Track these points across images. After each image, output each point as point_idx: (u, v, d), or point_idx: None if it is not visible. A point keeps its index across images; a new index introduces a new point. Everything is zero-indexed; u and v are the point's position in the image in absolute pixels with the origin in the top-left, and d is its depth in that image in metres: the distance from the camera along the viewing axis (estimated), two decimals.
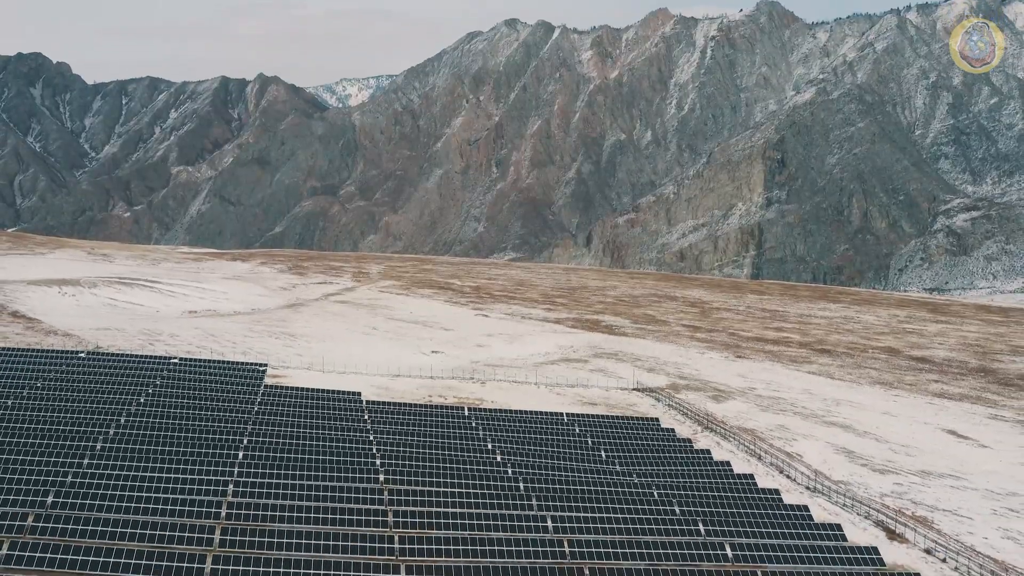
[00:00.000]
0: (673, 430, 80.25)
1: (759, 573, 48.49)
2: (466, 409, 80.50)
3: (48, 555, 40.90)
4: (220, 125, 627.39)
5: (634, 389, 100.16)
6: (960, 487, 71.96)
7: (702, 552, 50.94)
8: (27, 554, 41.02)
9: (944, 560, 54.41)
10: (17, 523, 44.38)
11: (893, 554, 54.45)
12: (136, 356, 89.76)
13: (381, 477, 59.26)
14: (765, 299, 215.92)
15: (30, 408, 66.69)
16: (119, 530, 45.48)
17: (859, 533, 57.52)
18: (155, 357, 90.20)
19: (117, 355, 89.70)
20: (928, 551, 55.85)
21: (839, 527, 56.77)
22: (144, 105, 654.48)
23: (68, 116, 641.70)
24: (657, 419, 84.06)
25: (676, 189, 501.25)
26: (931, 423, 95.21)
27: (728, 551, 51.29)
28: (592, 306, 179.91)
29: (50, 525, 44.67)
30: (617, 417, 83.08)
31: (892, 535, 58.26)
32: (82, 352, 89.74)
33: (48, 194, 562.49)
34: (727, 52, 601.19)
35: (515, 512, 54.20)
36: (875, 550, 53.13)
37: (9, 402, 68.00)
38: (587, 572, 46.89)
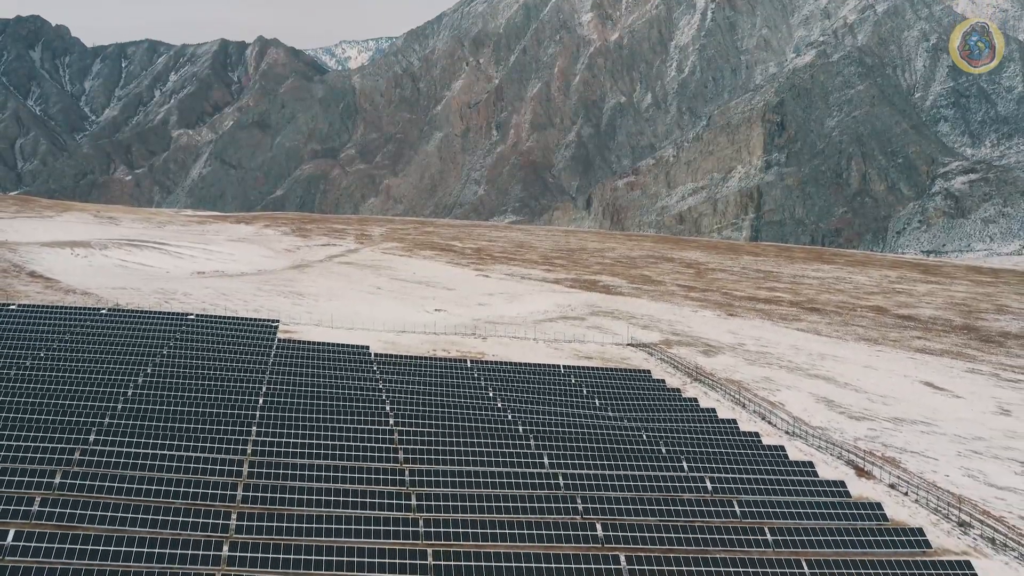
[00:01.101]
0: (663, 381, 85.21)
1: (734, 502, 53.54)
2: (468, 361, 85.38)
3: (78, 511, 44.13)
4: (220, 88, 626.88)
5: (628, 344, 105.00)
6: (930, 432, 77.04)
7: (684, 485, 56.00)
8: (57, 510, 43.90)
9: (906, 493, 59.52)
10: (46, 480, 46.99)
11: (860, 488, 59.55)
12: (155, 312, 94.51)
13: (391, 421, 64.20)
14: (760, 260, 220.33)
15: (59, 360, 71.49)
16: (144, 487, 48.54)
17: (830, 470, 62.59)
18: (173, 313, 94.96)
19: (136, 312, 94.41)
20: (892, 486, 60.95)
21: (811, 464, 61.84)
22: (144, 68, 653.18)
23: (68, 79, 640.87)
24: (649, 371, 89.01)
25: (676, 152, 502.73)
26: (910, 376, 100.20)
27: (708, 484, 56.34)
28: (590, 267, 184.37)
29: (77, 482, 47.28)
30: (611, 369, 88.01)
31: (861, 472, 63.36)
32: (103, 309, 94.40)
33: (49, 157, 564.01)
34: (728, 14, 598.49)
35: (514, 450, 59.20)
36: (843, 484, 58.22)
37: (42, 354, 72.85)
38: (579, 500, 51.91)
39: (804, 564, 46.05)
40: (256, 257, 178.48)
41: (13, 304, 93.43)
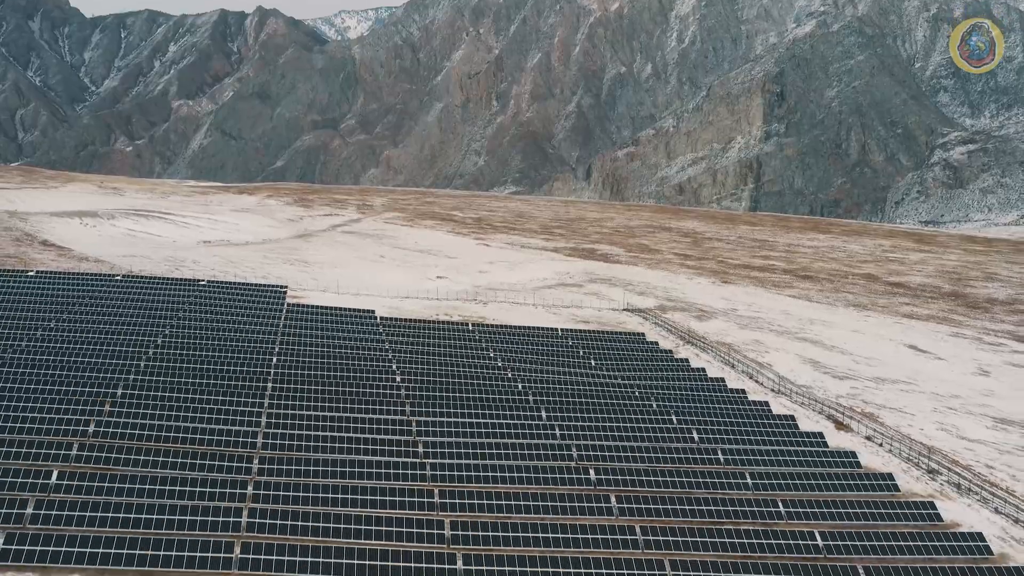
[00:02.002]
0: (657, 343, 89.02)
1: (718, 451, 57.46)
2: (470, 325, 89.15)
3: (112, 455, 47.87)
4: (220, 59, 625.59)
5: (624, 309, 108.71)
6: (909, 391, 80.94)
7: (672, 436, 59.88)
8: (93, 454, 47.82)
9: (880, 444, 63.48)
10: (81, 428, 50.86)
11: (837, 440, 63.48)
12: (168, 279, 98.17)
13: (398, 379, 68.04)
14: (756, 230, 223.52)
15: (81, 323, 75.23)
16: (171, 434, 52.36)
17: (811, 424, 66.49)
18: (185, 279, 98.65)
19: (150, 277, 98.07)
20: (868, 438, 64.89)
21: (793, 418, 65.75)
22: (143, 39, 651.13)
23: (67, 50, 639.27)
24: (643, 334, 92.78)
25: (676, 123, 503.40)
26: (895, 340, 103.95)
27: (695, 435, 60.24)
28: (589, 236, 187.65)
29: (110, 430, 51.21)
30: (607, 332, 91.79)
31: (840, 426, 67.28)
32: (118, 275, 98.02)
33: (50, 128, 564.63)
34: None
35: (513, 405, 63.09)
36: (821, 435, 62.16)
37: (65, 316, 76.60)
38: (573, 449, 55.79)
39: (780, 503, 50.02)
40: (260, 227, 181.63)
41: (31, 271, 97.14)
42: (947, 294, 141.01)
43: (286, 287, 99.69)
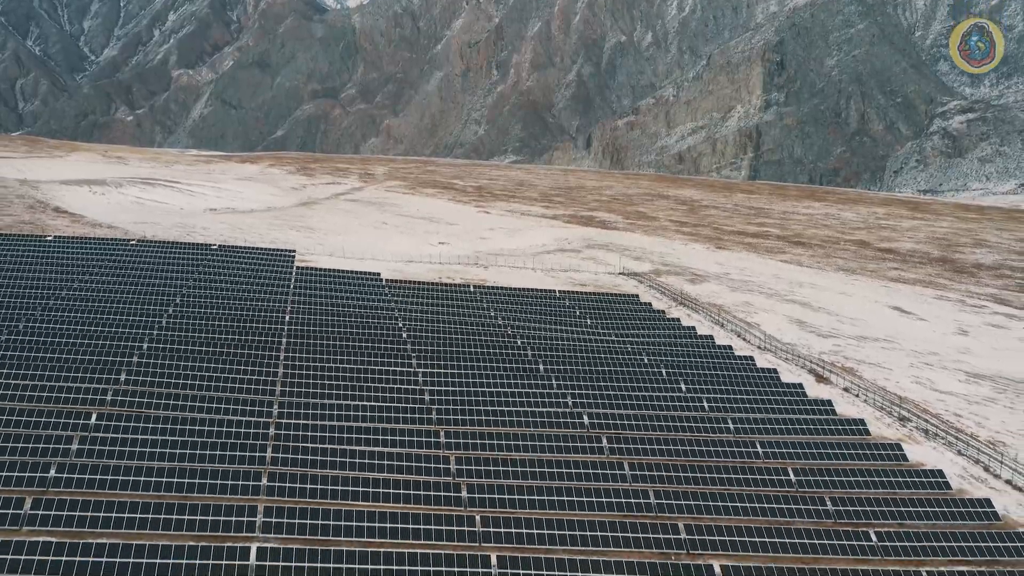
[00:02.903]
0: (650, 304, 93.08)
1: (703, 399, 61.66)
2: (472, 287, 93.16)
3: (145, 399, 51.57)
4: (219, 28, 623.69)
5: (620, 273, 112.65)
6: (889, 348, 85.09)
7: (663, 386, 64.05)
8: (126, 399, 51.74)
9: (857, 395, 67.72)
10: (99, 397, 52.43)
11: (816, 391, 67.70)
12: (180, 243, 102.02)
13: (404, 335, 72.13)
14: (753, 198, 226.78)
15: (100, 285, 79.19)
16: (196, 382, 56.85)
17: (792, 377, 70.67)
18: (197, 244, 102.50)
19: (163, 242, 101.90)
20: (846, 389, 69.13)
21: (775, 371, 69.94)
22: (142, 8, 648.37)
23: (66, 19, 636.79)
24: (637, 296, 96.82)
25: (676, 92, 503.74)
26: (881, 302, 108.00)
27: (682, 385, 64.43)
28: (588, 204, 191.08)
29: (139, 378, 55.86)
30: (602, 293, 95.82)
31: (820, 379, 71.50)
32: (132, 240, 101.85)
33: (50, 98, 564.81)
34: None
35: (514, 360, 67.26)
36: (800, 386, 66.36)
37: (86, 277, 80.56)
38: (568, 396, 60.01)
39: (758, 444, 54.30)
40: (264, 195, 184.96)
41: (49, 236, 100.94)
42: (935, 260, 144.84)
43: (294, 251, 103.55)
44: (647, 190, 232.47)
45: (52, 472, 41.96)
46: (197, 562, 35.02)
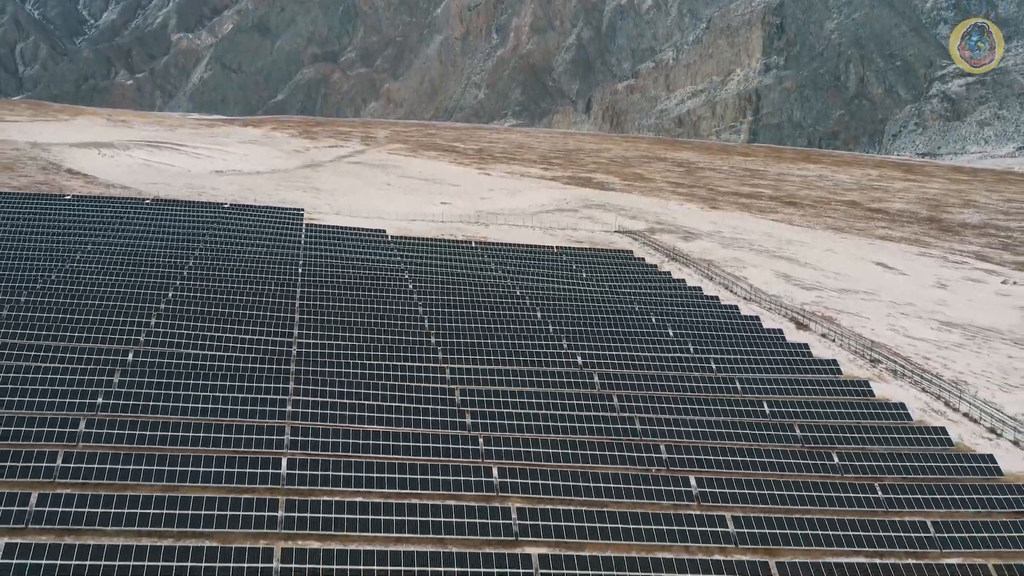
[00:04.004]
0: (643, 259, 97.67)
1: (689, 343, 66.46)
2: (473, 242, 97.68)
3: (168, 353, 55.78)
4: None
5: (616, 232, 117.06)
6: (869, 299, 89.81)
7: (652, 331, 68.87)
8: (148, 359, 56.52)
9: (833, 340, 72.56)
10: (120, 357, 54.62)
11: (796, 336, 72.51)
12: (193, 202, 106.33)
13: (410, 286, 76.82)
14: (749, 160, 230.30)
15: (118, 242, 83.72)
16: (216, 333, 62.09)
17: (773, 324, 75.43)
18: (209, 203, 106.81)
19: (177, 201, 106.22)
20: (823, 335, 73.95)
21: (758, 319, 74.71)
22: None
23: None
24: (631, 252, 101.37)
25: (675, 55, 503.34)
26: (865, 258, 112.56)
27: (670, 332, 69.23)
28: (586, 166, 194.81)
29: (161, 330, 61.41)
30: (597, 249, 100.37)
31: (800, 326, 76.29)
32: (147, 199, 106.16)
33: (50, 62, 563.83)
34: None
35: (513, 309, 72.00)
36: (780, 332, 71.19)
37: (109, 232, 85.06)
38: (563, 338, 64.80)
39: (737, 382, 59.18)
40: (268, 158, 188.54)
41: (68, 195, 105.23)
42: (923, 219, 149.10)
43: (303, 210, 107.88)
44: (645, 153, 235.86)
45: (100, 399, 46.85)
46: (236, 470, 40.07)
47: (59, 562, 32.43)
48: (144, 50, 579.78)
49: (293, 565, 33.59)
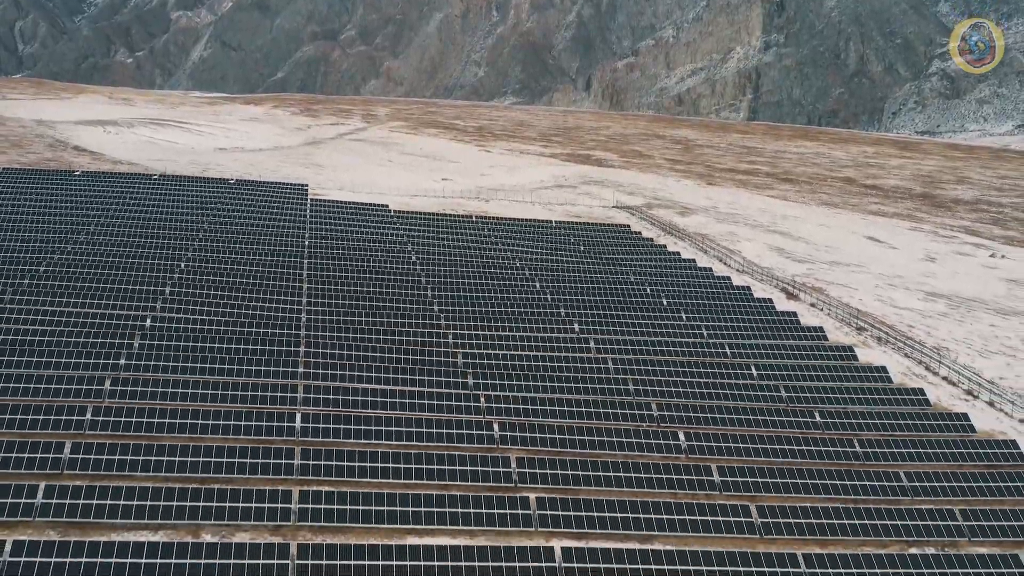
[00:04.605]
0: (640, 233, 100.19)
1: (682, 312, 69.18)
2: (474, 217, 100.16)
3: (183, 314, 59.69)
4: None
5: (614, 207, 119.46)
6: (859, 272, 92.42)
7: (646, 300, 71.57)
8: (166, 324, 59.02)
9: (821, 309, 75.25)
10: (139, 323, 57.48)
11: (785, 305, 75.17)
12: (200, 178, 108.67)
13: (413, 258, 79.44)
14: (747, 138, 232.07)
15: (135, 213, 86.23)
16: (234, 296, 64.79)
17: (763, 293, 78.09)
18: (215, 178, 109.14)
19: (184, 177, 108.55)
20: (812, 305, 76.66)
21: (749, 289, 77.41)
22: None
23: None
24: (628, 226, 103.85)
25: (675, 33, 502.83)
26: (857, 232, 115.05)
27: (664, 300, 71.90)
28: (585, 143, 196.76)
29: (177, 296, 64.06)
30: (595, 223, 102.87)
31: (790, 296, 78.98)
32: (154, 175, 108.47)
33: (49, 40, 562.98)
34: None
35: (510, 276, 74.67)
36: (771, 301, 73.91)
37: (119, 206, 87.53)
38: (561, 307, 67.51)
39: (727, 347, 61.94)
40: (271, 135, 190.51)
41: (77, 171, 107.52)
42: (917, 195, 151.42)
43: (307, 185, 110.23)
44: (644, 130, 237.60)
45: (122, 360, 49.57)
46: (253, 423, 42.91)
47: (94, 502, 35.26)
48: (143, 28, 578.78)
49: (310, 505, 36.45)
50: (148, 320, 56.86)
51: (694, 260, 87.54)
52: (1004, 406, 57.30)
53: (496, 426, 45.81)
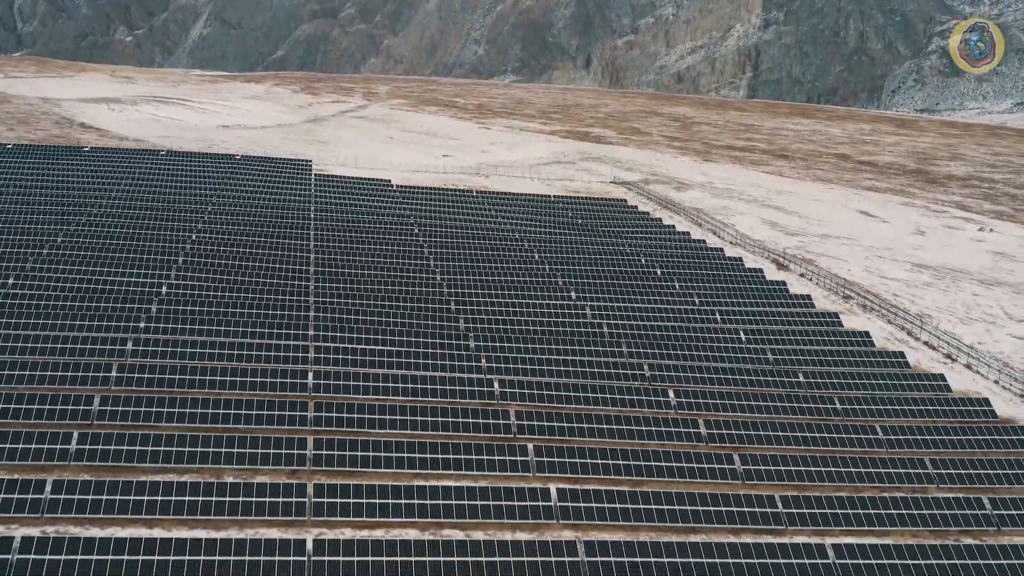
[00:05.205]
0: (636, 207, 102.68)
1: (675, 281, 71.85)
2: (474, 191, 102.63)
3: (202, 276, 62.50)
4: None
5: (611, 182, 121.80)
6: (849, 244, 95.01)
7: (641, 270, 74.25)
8: (180, 290, 62.45)
9: (810, 279, 77.98)
10: (155, 289, 60.20)
11: (775, 276, 77.82)
12: (206, 154, 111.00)
13: (416, 230, 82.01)
14: (745, 115, 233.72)
15: (145, 187, 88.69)
16: (236, 278, 67.57)
17: (755, 264, 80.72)
18: (221, 154, 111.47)
19: (191, 153, 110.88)
20: (802, 275, 79.34)
21: (741, 259, 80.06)
22: None
23: None
24: (625, 200, 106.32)
25: (675, 10, 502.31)
26: (850, 207, 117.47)
27: (658, 270, 74.59)
28: (584, 121, 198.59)
29: (192, 259, 66.75)
30: (593, 198, 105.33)
31: (780, 267, 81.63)
32: (162, 151, 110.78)
33: (48, 19, 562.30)
34: None
35: (508, 248, 77.33)
36: (761, 271, 76.60)
37: (130, 180, 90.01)
38: (558, 274, 70.19)
39: (717, 314, 64.68)
40: (272, 112, 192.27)
41: (86, 147, 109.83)
42: (911, 171, 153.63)
43: (311, 160, 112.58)
44: (642, 108, 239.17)
45: (142, 323, 52.32)
46: (268, 380, 45.69)
47: (124, 447, 38.09)
48: (143, 6, 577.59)
49: (324, 452, 39.29)
50: (164, 288, 59.49)
51: (688, 233, 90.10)
52: (981, 368, 60.15)
53: (496, 383, 48.58)
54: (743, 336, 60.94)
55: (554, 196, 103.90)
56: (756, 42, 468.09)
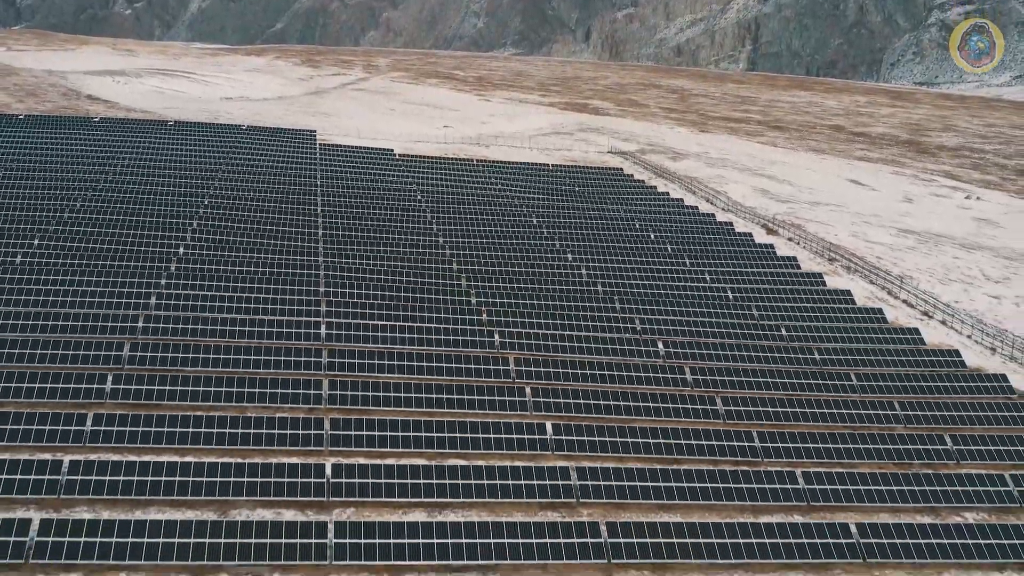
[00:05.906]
0: (632, 176, 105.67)
1: (667, 244, 75.08)
2: (475, 161, 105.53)
3: (213, 249, 65.37)
4: None
5: (608, 152, 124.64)
6: (838, 211, 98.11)
7: (634, 234, 77.44)
8: (193, 258, 65.09)
9: (798, 243, 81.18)
10: (172, 253, 64.13)
11: (764, 239, 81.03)
12: (213, 124, 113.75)
13: (419, 197, 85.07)
14: (743, 88, 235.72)
15: (156, 155, 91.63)
16: (246, 247, 70.62)
17: (744, 229, 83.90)
18: (227, 125, 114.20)
19: (197, 123, 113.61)
20: (789, 239, 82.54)
21: (731, 224, 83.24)
22: None
23: None
24: (621, 169, 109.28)
25: None
26: (841, 176, 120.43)
27: (651, 235, 77.78)
28: (583, 93, 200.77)
29: (206, 223, 69.72)
30: (590, 167, 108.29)
31: (769, 231, 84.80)
32: (169, 122, 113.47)
33: None
34: None
35: (507, 212, 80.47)
36: (751, 235, 79.84)
37: (141, 149, 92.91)
38: (555, 237, 73.38)
39: (707, 275, 67.97)
40: (274, 85, 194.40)
41: (96, 117, 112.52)
42: (903, 142, 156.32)
43: (315, 131, 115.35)
44: (641, 80, 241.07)
45: (153, 300, 55.38)
46: (282, 359, 47.86)
47: (156, 387, 41.48)
48: None
49: (338, 392, 42.67)
50: (181, 248, 62.66)
51: (682, 200, 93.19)
52: (955, 324, 63.56)
53: (496, 335, 51.88)
54: (731, 295, 64.28)
55: (552, 165, 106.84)
56: (756, 15, 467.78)
